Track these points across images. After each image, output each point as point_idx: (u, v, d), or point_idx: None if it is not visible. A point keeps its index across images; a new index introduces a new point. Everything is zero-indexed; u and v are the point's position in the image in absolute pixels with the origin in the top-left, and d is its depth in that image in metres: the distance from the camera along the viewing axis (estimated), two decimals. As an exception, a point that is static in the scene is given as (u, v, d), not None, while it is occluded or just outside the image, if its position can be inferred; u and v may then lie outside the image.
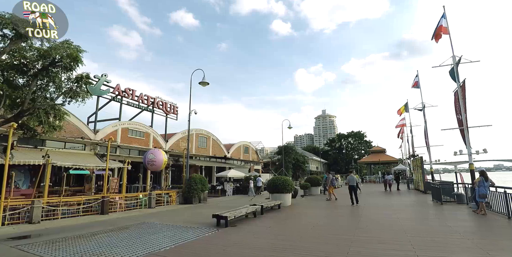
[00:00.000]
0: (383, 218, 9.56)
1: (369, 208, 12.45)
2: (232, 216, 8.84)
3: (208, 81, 18.11)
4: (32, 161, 14.65)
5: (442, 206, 12.03)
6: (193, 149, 35.10)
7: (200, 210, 13.42)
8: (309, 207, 13.81)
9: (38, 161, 14.64)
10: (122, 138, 25.90)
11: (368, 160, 49.15)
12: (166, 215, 12.20)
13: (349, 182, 13.91)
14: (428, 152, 19.21)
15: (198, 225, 9.07)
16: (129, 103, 27.29)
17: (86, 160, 19.88)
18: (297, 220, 9.62)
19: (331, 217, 10.20)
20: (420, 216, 10.03)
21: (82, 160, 19.47)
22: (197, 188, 16.54)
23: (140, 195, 15.60)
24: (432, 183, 15.23)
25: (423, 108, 19.52)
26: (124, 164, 17.56)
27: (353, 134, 78.89)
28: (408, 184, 27.35)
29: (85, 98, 12.63)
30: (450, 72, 12.51)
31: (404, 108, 27.25)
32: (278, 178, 14.26)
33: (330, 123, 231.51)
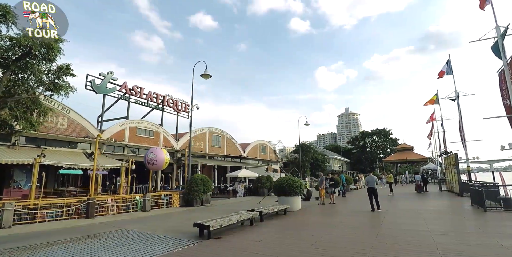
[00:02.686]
0: (408, 230, 7.50)
1: (392, 215, 10.33)
2: (216, 226, 7.21)
3: (210, 74, 16.70)
4: (21, 160, 13.82)
5: (485, 214, 9.68)
6: (206, 148, 33.95)
7: (197, 215, 11.94)
8: (320, 212, 11.89)
9: (27, 161, 13.79)
10: (130, 137, 25.09)
11: (394, 159, 45.67)
12: (155, 220, 10.82)
13: (368, 184, 11.81)
14: (464, 148, 16.56)
15: (178, 235, 7.59)
16: (137, 102, 26.49)
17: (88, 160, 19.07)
18: (298, 232, 7.81)
19: (342, 227, 8.23)
20: (459, 228, 7.76)
21: (83, 159, 18.68)
22: (198, 189, 15.10)
23: (136, 197, 14.38)
24: (471, 184, 12.72)
25: (457, 97, 16.84)
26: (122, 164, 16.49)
27: (377, 131, 74.67)
28: (440, 185, 24.43)
29: (68, 92, 11.53)
30: (493, 47, 10.14)
31: (435, 99, 24.34)
32: (285, 179, 12.46)
33: (354, 121, 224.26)
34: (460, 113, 16.58)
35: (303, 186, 12.59)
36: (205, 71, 16.64)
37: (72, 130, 20.99)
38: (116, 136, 24.02)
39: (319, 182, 15.17)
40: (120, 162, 18.15)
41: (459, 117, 16.61)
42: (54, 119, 20.02)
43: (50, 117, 19.87)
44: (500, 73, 10.15)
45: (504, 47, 9.66)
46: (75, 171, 15.28)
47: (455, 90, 16.93)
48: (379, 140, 74.40)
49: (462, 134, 16.71)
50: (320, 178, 15.04)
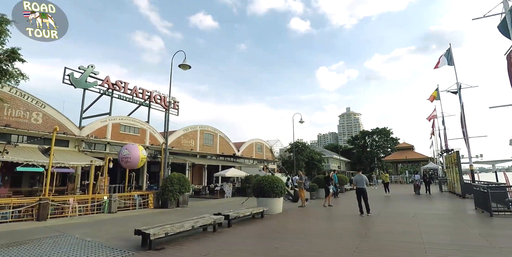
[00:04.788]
0: (398, 242, 6.08)
1: (383, 220, 8.94)
2: (160, 234, 5.88)
3: (189, 64, 15.38)
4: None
5: (492, 220, 8.24)
6: (197, 147, 32.64)
7: (164, 218, 10.62)
8: (302, 216, 10.49)
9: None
10: (113, 134, 23.78)
11: (394, 158, 44.10)
12: (112, 224, 9.51)
13: (356, 184, 10.32)
14: (467, 145, 15.07)
15: (119, 244, 6.31)
16: (121, 97, 25.18)
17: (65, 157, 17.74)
18: (263, 241, 6.44)
19: (318, 236, 6.77)
20: (461, 240, 6.14)
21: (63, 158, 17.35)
22: (173, 189, 13.76)
23: (104, 197, 13.06)
24: (475, 185, 11.26)
25: (458, 90, 15.38)
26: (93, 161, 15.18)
27: (378, 131, 72.93)
28: (440, 185, 22.96)
29: (19, 79, 10.25)
30: (501, 25, 8.76)
31: (436, 95, 22.88)
32: (265, 178, 11.08)
33: (355, 121, 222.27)
34: (462, 107, 15.12)
35: (284, 186, 11.20)
36: (183, 62, 15.33)
37: (47, 125, 19.73)
38: (98, 132, 22.73)
39: (299, 181, 13.76)
40: (91, 160, 16.82)
41: (461, 111, 15.16)
42: (27, 114, 18.78)
43: (23, 112, 18.67)
44: (509, 55, 8.74)
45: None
46: (35, 168, 13.94)
47: (457, 82, 15.46)
48: (379, 139, 72.75)
49: (465, 129, 15.27)
50: (298, 178, 13.64)
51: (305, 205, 12.95)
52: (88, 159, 17.04)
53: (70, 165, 15.35)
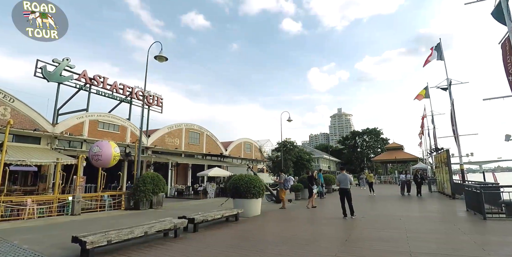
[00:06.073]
0: (381, 251, 5.14)
1: (367, 224, 8.10)
2: (101, 241, 4.94)
3: (166, 56, 14.38)
4: None
5: (486, 224, 7.48)
6: (182, 145, 31.54)
7: (131, 221, 9.60)
8: (280, 219, 9.61)
9: None
10: (90, 131, 22.58)
11: (383, 158, 43.71)
12: (64, 228, 8.48)
13: (340, 184, 9.47)
14: (457, 143, 14.46)
15: (59, 252, 5.50)
16: (100, 93, 23.93)
17: (31, 155, 16.52)
18: (229, 251, 5.52)
19: (291, 244, 5.74)
20: (454, 249, 5.10)
21: (24, 155, 16.14)
22: (145, 189, 12.74)
23: (69, 198, 11.97)
24: (466, 185, 10.55)
25: (448, 86, 14.76)
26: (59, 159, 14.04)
27: (368, 131, 72.88)
28: (429, 186, 22.41)
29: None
30: (495, 11, 8.07)
31: (425, 93, 22.32)
32: (241, 177, 10.17)
33: (346, 122, 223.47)
34: (453, 103, 14.51)
35: (263, 186, 10.30)
36: (160, 53, 14.32)
37: (17, 121, 18.41)
38: (73, 129, 21.51)
39: (278, 181, 12.91)
40: (57, 157, 15.63)
41: (451, 108, 14.54)
42: (-8, 109, 17.50)
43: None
44: (504, 43, 8.07)
45: (509, 8, 7.58)
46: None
47: (447, 78, 14.86)
48: (369, 139, 72.72)
49: (455, 127, 14.66)
50: (278, 177, 12.79)
51: (285, 207, 12.08)
52: (55, 157, 15.85)
53: (32, 162, 14.16)
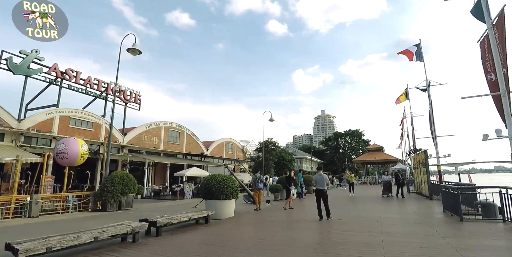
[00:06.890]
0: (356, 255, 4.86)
1: (343, 227, 7.74)
2: (39, 249, 4.31)
3: (139, 49, 13.64)
4: None
5: (462, 226, 7.26)
6: (161, 145, 30.55)
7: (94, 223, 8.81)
8: (254, 222, 9.12)
9: None
10: (61, 128, 21.32)
11: (364, 159, 44.21)
12: (13, 232, 7.68)
13: (316, 184, 9.10)
14: (435, 144, 14.52)
15: None
16: (72, 88, 22.69)
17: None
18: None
19: (257, 250, 5.34)
20: (432, 255, 4.72)
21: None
22: (113, 189, 11.93)
23: (27, 198, 11.00)
24: (443, 186, 10.44)
25: (427, 87, 14.80)
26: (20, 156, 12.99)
27: (350, 133, 73.85)
28: (408, 186, 22.58)
29: None
30: (474, 8, 7.93)
31: (405, 95, 22.50)
32: (213, 177, 9.60)
33: (330, 123, 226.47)
34: (431, 104, 14.55)
35: (237, 187, 9.77)
36: (133, 46, 13.55)
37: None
38: (41, 126, 20.23)
39: (253, 182, 12.45)
40: (17, 155, 14.52)
41: (429, 109, 14.57)
42: None
43: None
44: (483, 41, 7.95)
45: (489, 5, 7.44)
46: None
47: (426, 79, 14.89)
48: (351, 141, 73.67)
49: (433, 128, 14.69)
50: (253, 177, 12.33)
51: (260, 208, 11.60)
52: (14, 155, 14.71)
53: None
